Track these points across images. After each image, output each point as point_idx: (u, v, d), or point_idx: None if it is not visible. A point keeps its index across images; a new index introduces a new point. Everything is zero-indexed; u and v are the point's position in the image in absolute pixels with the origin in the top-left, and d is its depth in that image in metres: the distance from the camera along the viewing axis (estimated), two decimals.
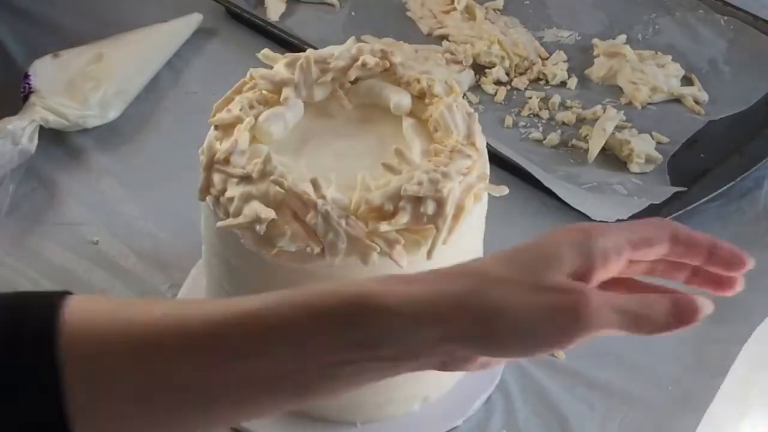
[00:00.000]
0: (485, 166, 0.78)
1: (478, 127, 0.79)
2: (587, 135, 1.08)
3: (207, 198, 0.77)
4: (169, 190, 1.00)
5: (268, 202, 0.73)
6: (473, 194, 0.75)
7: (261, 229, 0.72)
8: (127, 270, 0.95)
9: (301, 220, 0.73)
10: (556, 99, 1.12)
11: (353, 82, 0.83)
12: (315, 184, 0.73)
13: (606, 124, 1.07)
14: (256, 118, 0.79)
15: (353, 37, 0.87)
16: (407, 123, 0.80)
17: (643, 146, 1.05)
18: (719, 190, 1.00)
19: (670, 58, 1.16)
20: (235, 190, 0.74)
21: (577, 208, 0.98)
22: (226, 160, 0.75)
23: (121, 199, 1.01)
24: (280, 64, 0.82)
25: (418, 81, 0.81)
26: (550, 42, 1.20)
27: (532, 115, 1.11)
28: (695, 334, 0.73)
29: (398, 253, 0.72)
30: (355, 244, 0.72)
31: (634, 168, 1.05)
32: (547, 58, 1.17)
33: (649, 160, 1.05)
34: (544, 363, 0.88)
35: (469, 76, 1.14)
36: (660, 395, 0.87)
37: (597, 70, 1.16)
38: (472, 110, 0.80)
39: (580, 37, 1.21)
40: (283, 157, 0.77)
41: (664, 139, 1.08)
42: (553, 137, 1.08)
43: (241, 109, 0.79)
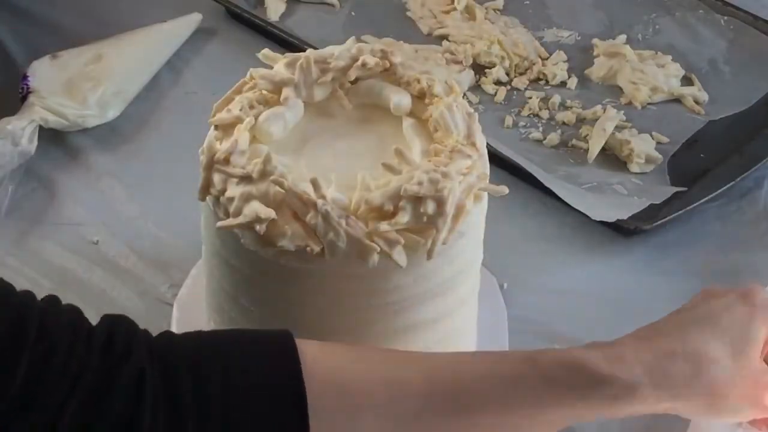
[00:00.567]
0: (485, 166, 0.78)
1: (478, 127, 0.79)
2: (587, 135, 1.07)
3: (207, 198, 0.77)
4: (169, 190, 1.00)
5: (268, 202, 0.73)
6: (473, 194, 0.75)
7: (261, 229, 0.72)
8: (127, 270, 0.95)
9: (301, 220, 0.73)
10: (556, 99, 1.12)
11: (353, 82, 0.83)
12: (315, 184, 0.73)
13: (606, 124, 1.07)
14: (256, 118, 0.78)
15: (353, 37, 0.87)
16: (407, 123, 0.80)
17: (643, 146, 1.05)
18: (719, 190, 1.00)
19: (670, 58, 1.16)
20: (235, 190, 0.74)
21: (577, 208, 0.98)
22: (226, 160, 0.75)
23: (121, 199, 1.01)
24: (280, 64, 0.82)
25: (418, 81, 0.81)
26: (550, 42, 1.20)
27: (532, 115, 1.11)
28: None
29: (398, 253, 0.72)
30: (355, 244, 0.72)
31: (634, 168, 1.05)
32: (547, 58, 1.17)
33: (649, 160, 1.05)
34: None
35: (469, 76, 1.14)
36: None
37: (597, 70, 1.16)
38: (472, 110, 0.80)
39: (580, 37, 1.21)
40: (283, 157, 0.77)
41: (664, 139, 1.08)
42: (553, 137, 1.08)
43: (241, 109, 0.79)
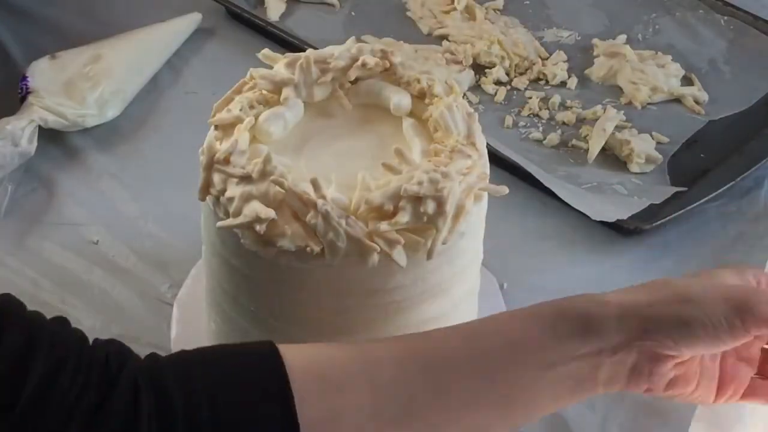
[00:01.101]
0: (485, 166, 0.78)
1: (478, 127, 0.79)
2: (587, 135, 1.07)
3: (207, 198, 0.77)
4: (169, 190, 1.00)
5: (268, 202, 0.73)
6: (473, 194, 0.75)
7: (261, 229, 0.72)
8: (127, 270, 0.94)
9: (301, 220, 0.73)
10: (556, 99, 1.12)
11: (353, 82, 0.83)
12: (315, 184, 0.73)
13: (606, 124, 1.07)
14: (256, 118, 0.78)
15: (353, 37, 0.87)
16: (407, 123, 0.80)
17: (643, 146, 1.05)
18: (719, 190, 1.00)
19: (670, 58, 1.16)
20: (235, 190, 0.74)
21: (577, 208, 0.98)
22: (226, 160, 0.75)
23: (121, 199, 1.01)
24: (280, 64, 0.82)
25: (418, 81, 0.81)
26: (550, 42, 1.20)
27: (532, 115, 1.11)
28: None
29: (398, 253, 0.72)
30: (355, 244, 0.72)
31: (634, 168, 1.05)
32: (547, 58, 1.17)
33: (649, 160, 1.05)
34: None
35: (469, 76, 1.14)
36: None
37: (597, 70, 1.16)
38: (472, 110, 0.80)
39: (580, 37, 1.21)
40: (283, 157, 0.77)
41: (664, 139, 1.08)
42: (553, 137, 1.08)
43: (241, 109, 0.79)
